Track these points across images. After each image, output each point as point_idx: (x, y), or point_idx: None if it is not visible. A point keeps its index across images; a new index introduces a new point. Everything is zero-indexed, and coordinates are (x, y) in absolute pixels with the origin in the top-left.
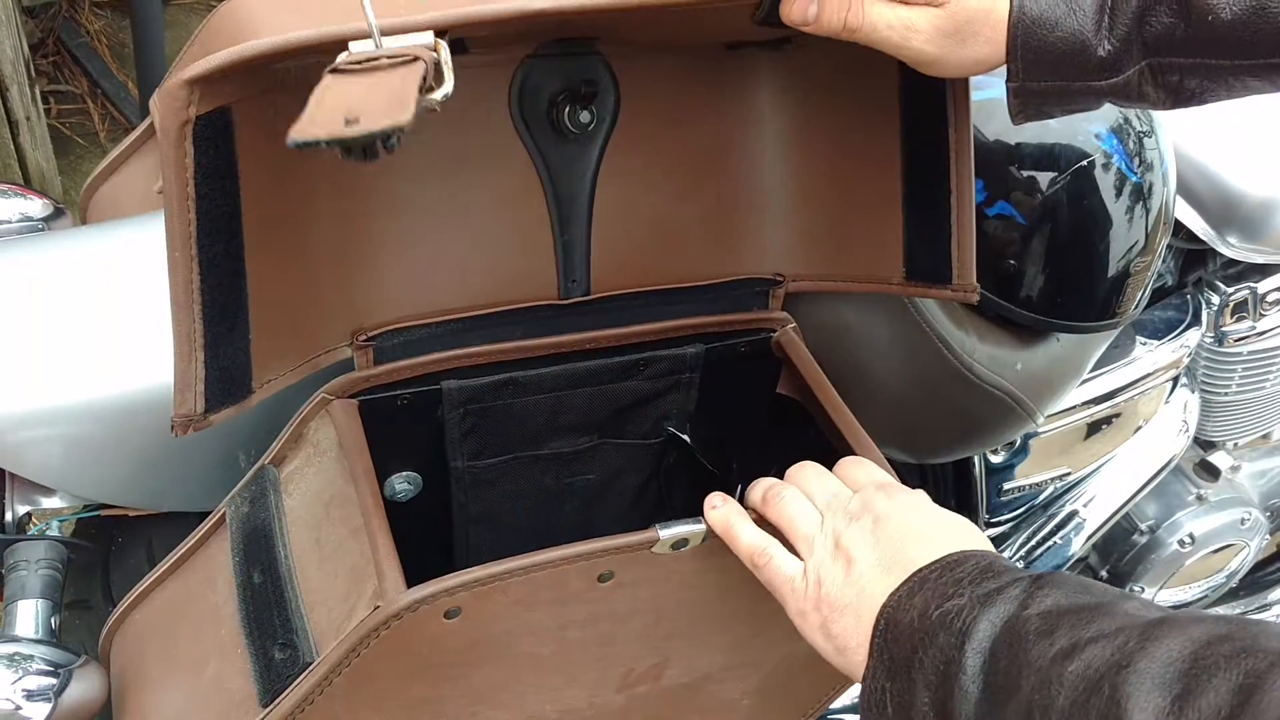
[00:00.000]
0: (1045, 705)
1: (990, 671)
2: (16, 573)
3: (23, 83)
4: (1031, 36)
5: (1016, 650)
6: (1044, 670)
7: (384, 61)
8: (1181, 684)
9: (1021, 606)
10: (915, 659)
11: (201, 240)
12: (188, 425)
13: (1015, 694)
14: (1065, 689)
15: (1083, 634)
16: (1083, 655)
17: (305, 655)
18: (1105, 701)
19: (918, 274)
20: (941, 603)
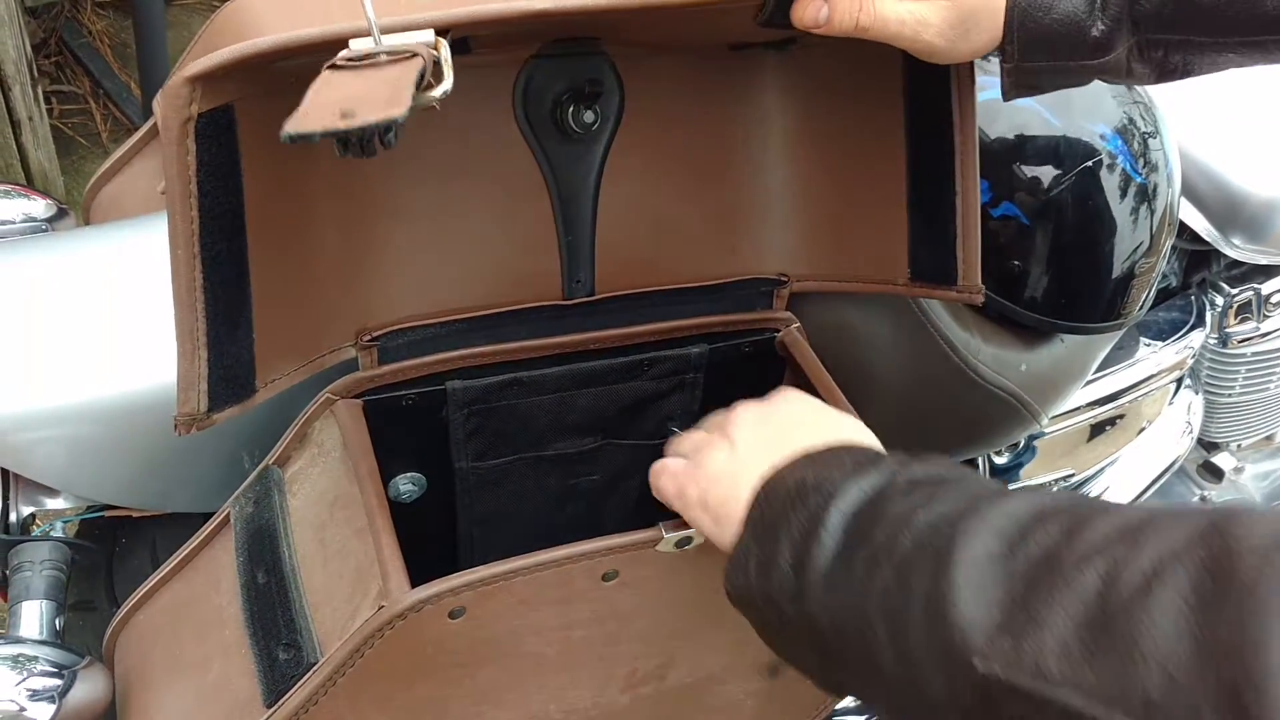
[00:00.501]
0: (890, 549)
1: (850, 529)
2: (21, 574)
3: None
4: (1028, 19)
5: (878, 507)
6: (896, 520)
7: (383, 58)
8: (1018, 532)
9: (892, 476)
10: (784, 520)
11: (204, 238)
12: (191, 424)
13: (867, 543)
14: (911, 534)
15: (940, 493)
16: (935, 507)
17: (309, 655)
18: (943, 541)
19: (922, 275)
20: (819, 473)
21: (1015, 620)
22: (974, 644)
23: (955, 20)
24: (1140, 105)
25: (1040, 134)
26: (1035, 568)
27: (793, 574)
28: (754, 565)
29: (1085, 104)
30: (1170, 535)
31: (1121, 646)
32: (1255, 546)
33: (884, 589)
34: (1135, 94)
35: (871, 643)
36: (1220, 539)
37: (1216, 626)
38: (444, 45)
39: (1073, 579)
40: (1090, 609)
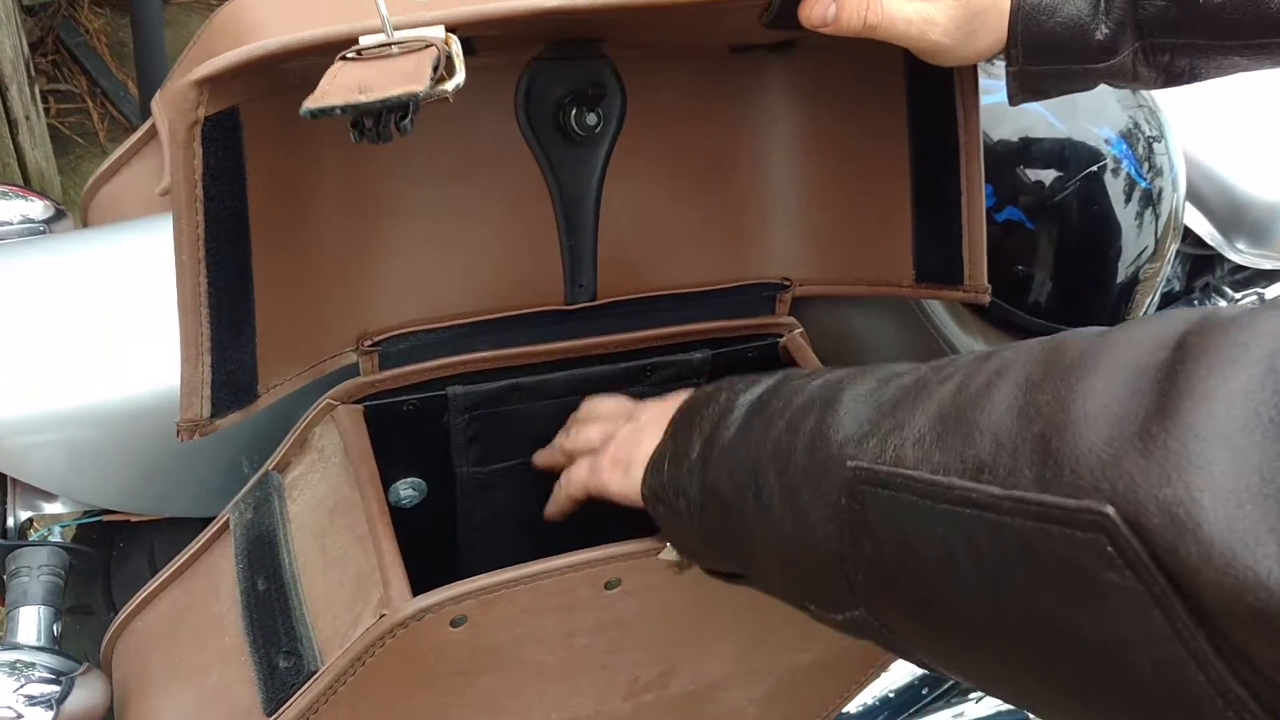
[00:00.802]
0: (784, 409)
1: (753, 409)
2: (18, 579)
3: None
4: (1032, 23)
5: (778, 390)
6: (792, 391)
7: (394, 50)
8: (893, 372)
9: (793, 372)
10: (697, 417)
11: (209, 243)
12: (194, 430)
13: (764, 411)
14: (803, 396)
15: (836, 370)
16: (829, 375)
17: (310, 664)
18: (830, 393)
19: (928, 275)
20: (734, 382)
21: (882, 426)
22: (846, 451)
23: (962, 20)
24: (1145, 109)
25: (1045, 138)
26: (904, 391)
27: (700, 459)
28: (668, 460)
29: (1090, 108)
30: (1017, 349)
31: (964, 429)
32: (1080, 339)
33: (776, 439)
34: (1140, 98)
35: (763, 488)
36: (1055, 342)
37: (1037, 397)
38: (454, 40)
39: (934, 391)
40: (944, 406)
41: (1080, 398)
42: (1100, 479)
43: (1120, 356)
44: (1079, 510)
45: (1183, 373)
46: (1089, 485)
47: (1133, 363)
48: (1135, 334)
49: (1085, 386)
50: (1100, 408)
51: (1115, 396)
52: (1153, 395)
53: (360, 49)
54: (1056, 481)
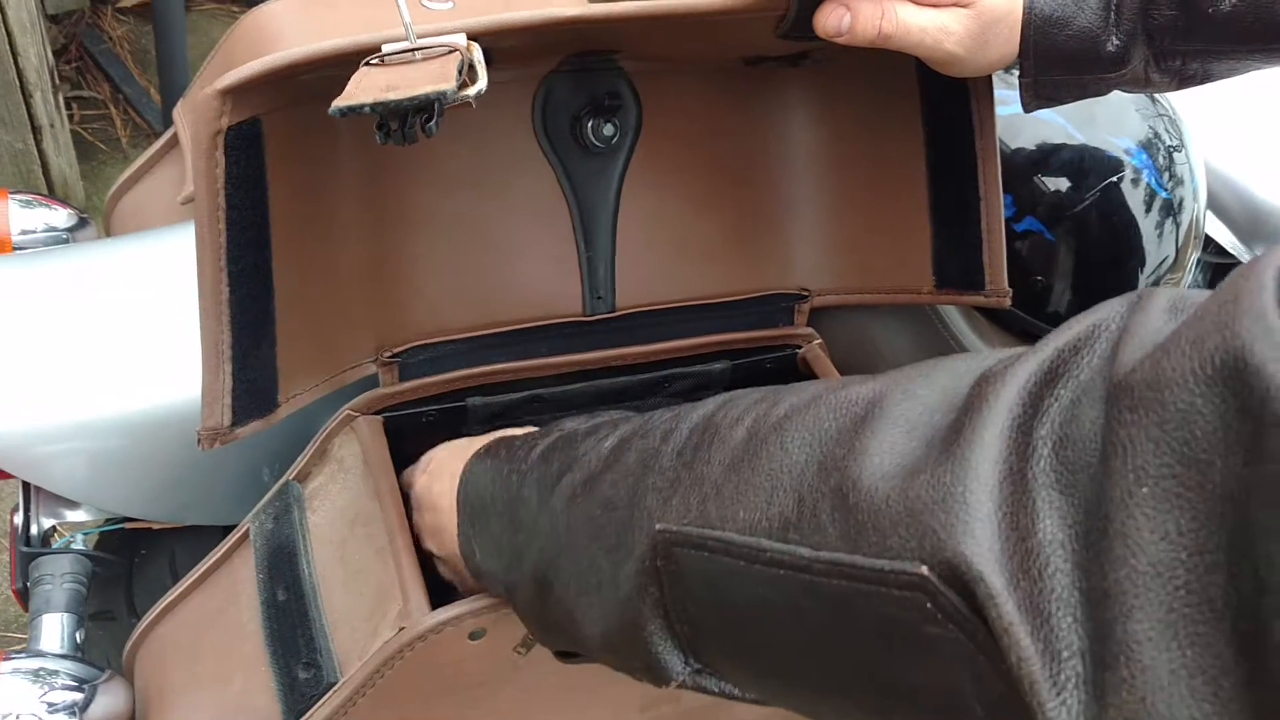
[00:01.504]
0: (584, 477)
1: (542, 475)
2: (42, 586)
3: (46, 89)
4: (1043, 36)
5: (565, 451)
6: (585, 454)
7: (418, 56)
8: (685, 420)
9: (574, 425)
10: (488, 496)
11: (231, 251)
12: (214, 438)
13: (561, 480)
14: (599, 457)
15: (620, 425)
16: (616, 433)
17: (329, 675)
18: (630, 449)
19: (948, 282)
20: (510, 444)
21: (682, 481)
22: (655, 515)
23: (977, 30)
24: (1165, 118)
25: (1064, 149)
26: (695, 434)
27: (509, 541)
28: (478, 547)
29: (1109, 118)
30: (802, 390)
31: (763, 482)
32: (868, 386)
33: (585, 515)
34: (1160, 106)
35: (585, 569)
36: (844, 389)
37: (834, 449)
38: (476, 48)
39: (725, 436)
40: (735, 455)
41: (874, 453)
42: (907, 537)
43: (912, 412)
44: (893, 571)
45: (964, 431)
46: (897, 545)
47: (926, 423)
48: (926, 391)
49: (879, 442)
50: (896, 466)
51: (911, 454)
52: (944, 455)
53: (384, 55)
54: (863, 540)
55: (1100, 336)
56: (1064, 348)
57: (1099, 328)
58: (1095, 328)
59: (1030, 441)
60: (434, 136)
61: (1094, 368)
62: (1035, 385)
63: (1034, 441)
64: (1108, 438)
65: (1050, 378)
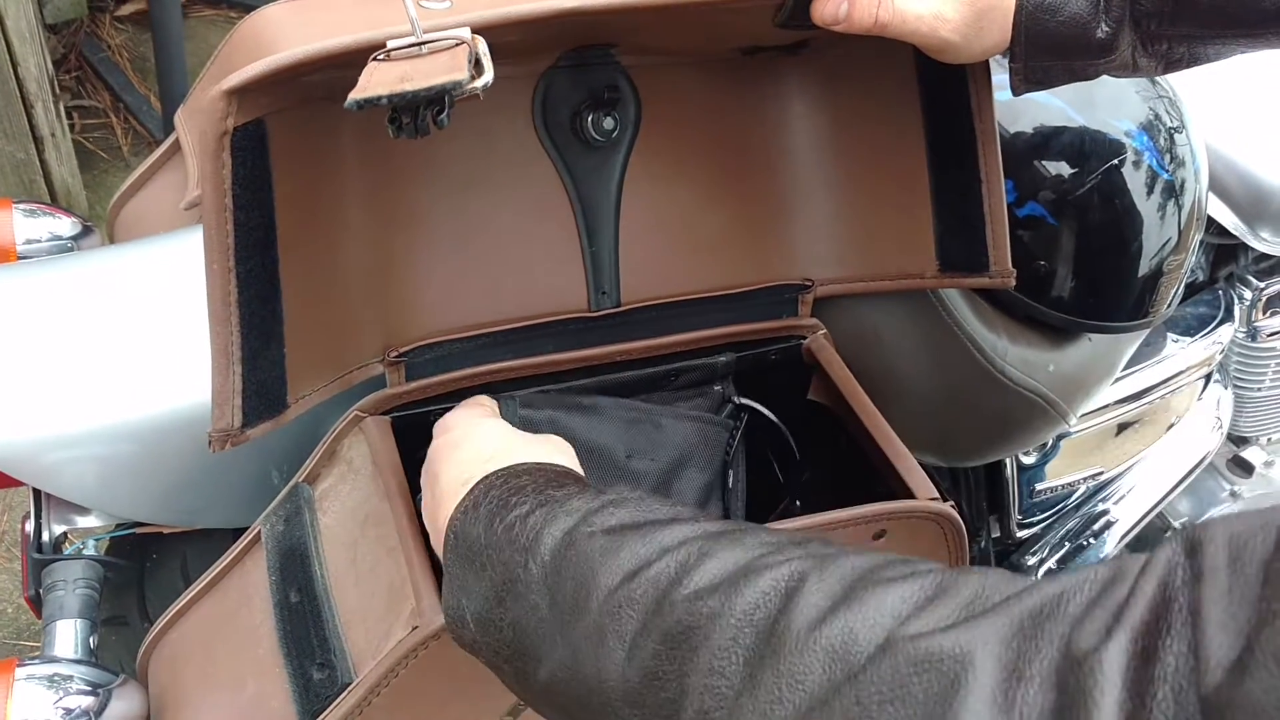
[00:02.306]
0: (619, 630)
1: (556, 589)
2: (55, 593)
3: (47, 99)
4: (1035, 22)
5: (583, 569)
6: (611, 593)
7: (424, 51)
8: (732, 590)
9: (585, 522)
10: (486, 574)
11: (239, 252)
12: (225, 440)
13: (585, 615)
14: (635, 610)
15: (646, 553)
16: (648, 575)
17: (344, 675)
18: (667, 618)
19: (952, 265)
20: (505, 514)
21: (740, 709)
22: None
23: (971, 18)
24: (1165, 100)
25: (1065, 132)
26: (760, 639)
27: (515, 641)
28: (472, 620)
29: (1110, 100)
30: (882, 612)
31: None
32: (944, 644)
33: (621, 674)
34: (1160, 88)
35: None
36: (916, 639)
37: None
38: (481, 41)
39: (794, 666)
40: (811, 698)
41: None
42: None
43: (1001, 681)
44: None
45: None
46: None
47: (1024, 702)
48: (1010, 655)
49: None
50: None
51: None
52: None
53: (390, 51)
54: None
55: (1174, 609)
56: (1148, 620)
57: (1169, 589)
58: (1166, 590)
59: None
60: (443, 129)
61: (1182, 655)
62: (1134, 674)
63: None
64: None
65: (1144, 661)
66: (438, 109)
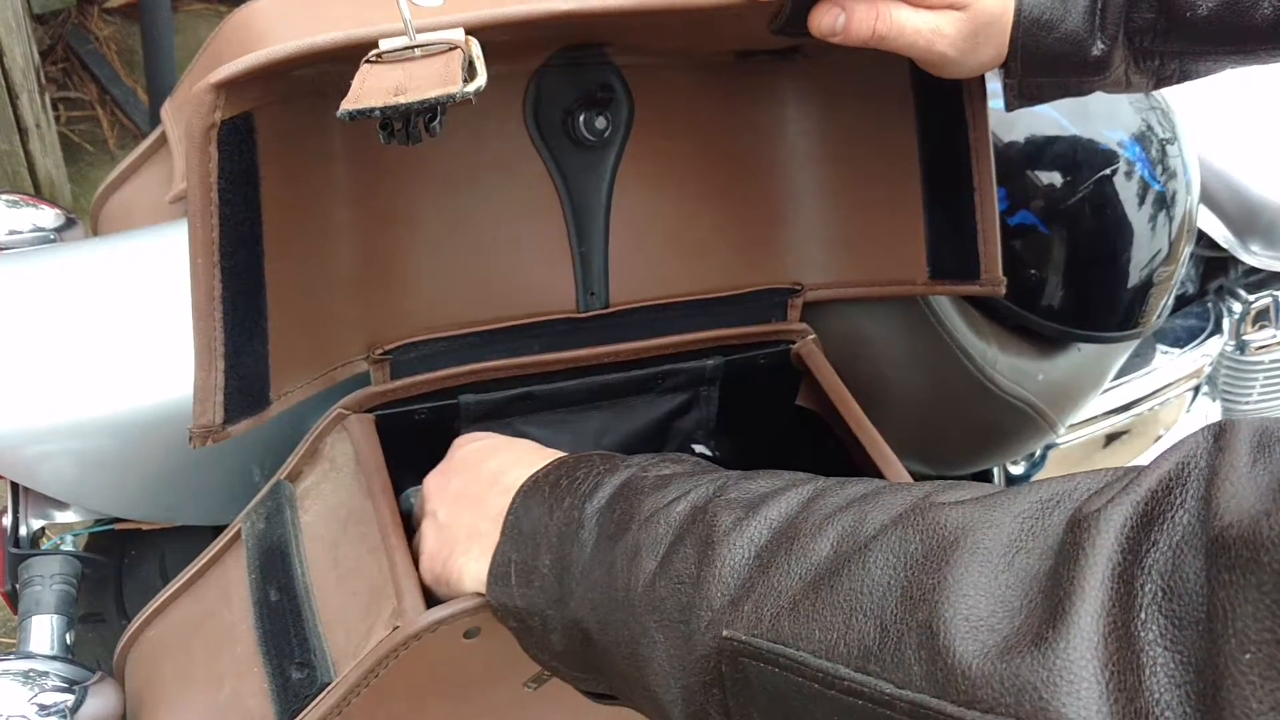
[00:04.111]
0: (651, 539)
1: (604, 521)
2: (31, 588)
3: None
4: (1031, 38)
5: (631, 501)
6: (654, 514)
7: (417, 53)
8: (760, 500)
9: (641, 470)
10: (542, 526)
11: (224, 246)
12: (206, 436)
13: (624, 535)
14: (670, 525)
15: (690, 485)
16: (688, 498)
17: (323, 675)
18: (701, 527)
19: (943, 272)
20: (572, 474)
21: (756, 587)
22: (724, 617)
23: (969, 33)
24: (1158, 111)
25: (1058, 142)
26: (776, 536)
27: (555, 578)
28: (515, 575)
29: (1103, 111)
30: (890, 504)
31: (843, 602)
32: (957, 510)
33: (646, 584)
34: (1152, 100)
35: (638, 637)
36: (932, 511)
37: (921, 577)
38: (474, 43)
39: (806, 546)
40: (818, 571)
41: (966, 593)
42: (1001, 692)
43: (998, 544)
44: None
45: (1064, 585)
46: (988, 698)
47: (1019, 565)
48: (1008, 520)
49: (970, 579)
50: (988, 611)
51: (1005, 601)
52: (1043, 607)
53: (381, 52)
54: (951, 686)
55: (1190, 476)
56: (1156, 489)
57: (1187, 467)
58: (1183, 466)
59: (1133, 593)
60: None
61: (1191, 511)
62: (1132, 530)
63: (1136, 593)
64: (1210, 597)
65: (1146, 522)
66: (429, 116)
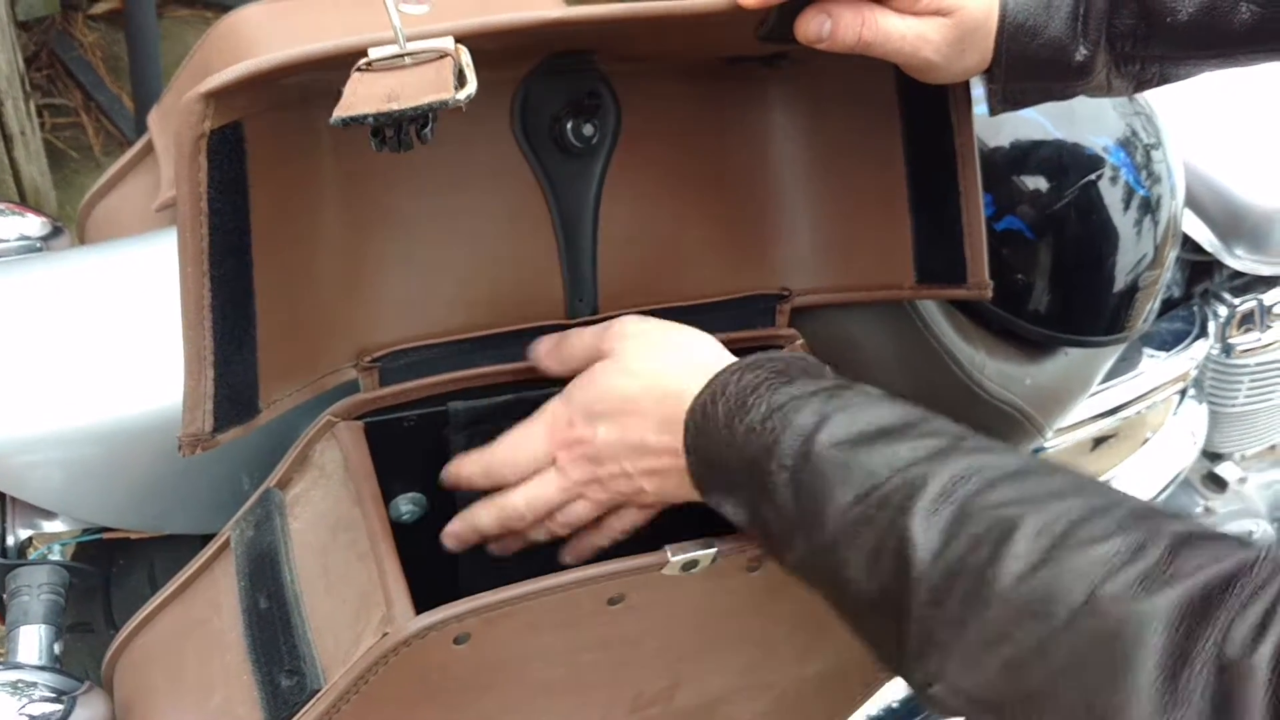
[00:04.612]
0: (856, 547)
1: (799, 496)
2: (19, 598)
3: (17, 97)
4: (1015, 43)
5: (819, 485)
6: (845, 513)
7: (408, 61)
8: (953, 531)
9: (818, 429)
10: (725, 461)
11: (213, 255)
12: (196, 445)
13: (822, 530)
14: (869, 530)
15: (878, 471)
16: (877, 496)
17: (312, 682)
18: (896, 541)
19: (930, 276)
20: (743, 411)
21: (953, 645)
22: (924, 661)
23: (954, 38)
24: (1142, 116)
25: (1043, 147)
26: (970, 588)
27: (749, 514)
28: (726, 489)
29: (1088, 116)
30: (1080, 576)
31: (1036, 699)
32: (1117, 610)
33: (859, 585)
34: (1137, 105)
35: (861, 621)
36: (1102, 607)
37: (1095, 700)
38: (464, 51)
39: (999, 617)
40: (1013, 655)
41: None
42: None
43: (1160, 663)
44: None
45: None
46: None
47: (1180, 691)
48: (1171, 622)
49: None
50: None
51: None
52: None
53: (371, 61)
54: None
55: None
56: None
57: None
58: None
59: None
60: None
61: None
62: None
63: None
64: None
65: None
66: (421, 124)
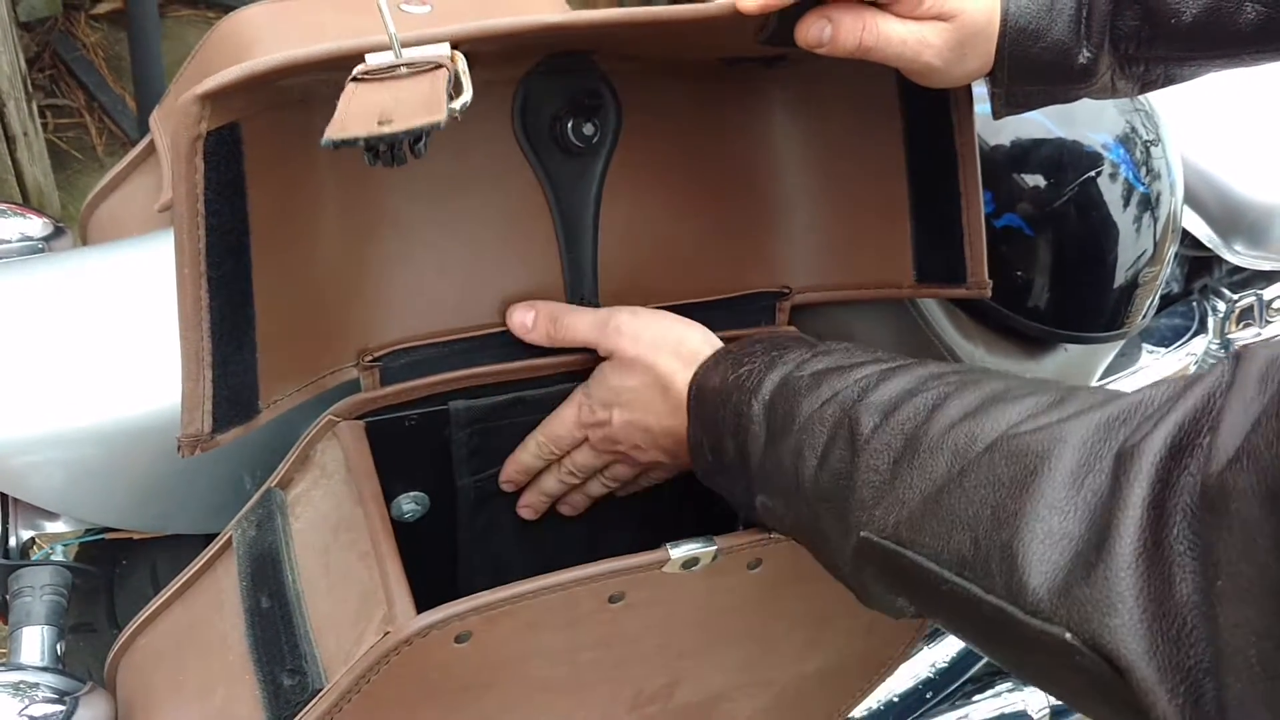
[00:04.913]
0: (810, 441)
1: (770, 419)
2: (21, 599)
3: (20, 98)
4: (1018, 47)
5: (790, 402)
6: (809, 416)
7: (403, 70)
8: (894, 406)
9: (797, 368)
10: (719, 416)
11: (211, 257)
12: (195, 445)
13: (787, 436)
14: (824, 427)
15: (840, 385)
16: (837, 400)
17: (314, 682)
18: (844, 429)
19: (930, 276)
20: (736, 369)
21: (885, 497)
22: (861, 517)
23: (955, 43)
24: (1141, 113)
25: (1043, 145)
26: (906, 446)
27: (740, 464)
28: (710, 453)
29: (1087, 113)
30: (996, 422)
31: (947, 517)
32: (1041, 434)
33: (813, 476)
34: (1136, 102)
35: (816, 517)
36: (1018, 437)
37: (1007, 502)
38: (460, 58)
39: (926, 463)
40: (933, 487)
41: (1039, 516)
42: (1058, 605)
43: (1072, 474)
44: (1044, 632)
45: (1111, 511)
46: (1048, 610)
47: (1089, 488)
48: (1084, 453)
49: (1044, 504)
50: (1055, 532)
51: (1071, 526)
52: (1096, 533)
53: (367, 70)
54: (1022, 597)
55: (1213, 407)
56: (1184, 421)
57: (1212, 397)
58: (1209, 397)
59: (1164, 515)
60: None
61: (1209, 441)
62: (1164, 461)
63: (1168, 516)
64: (1200, 528)
65: (1176, 453)
66: (415, 140)
